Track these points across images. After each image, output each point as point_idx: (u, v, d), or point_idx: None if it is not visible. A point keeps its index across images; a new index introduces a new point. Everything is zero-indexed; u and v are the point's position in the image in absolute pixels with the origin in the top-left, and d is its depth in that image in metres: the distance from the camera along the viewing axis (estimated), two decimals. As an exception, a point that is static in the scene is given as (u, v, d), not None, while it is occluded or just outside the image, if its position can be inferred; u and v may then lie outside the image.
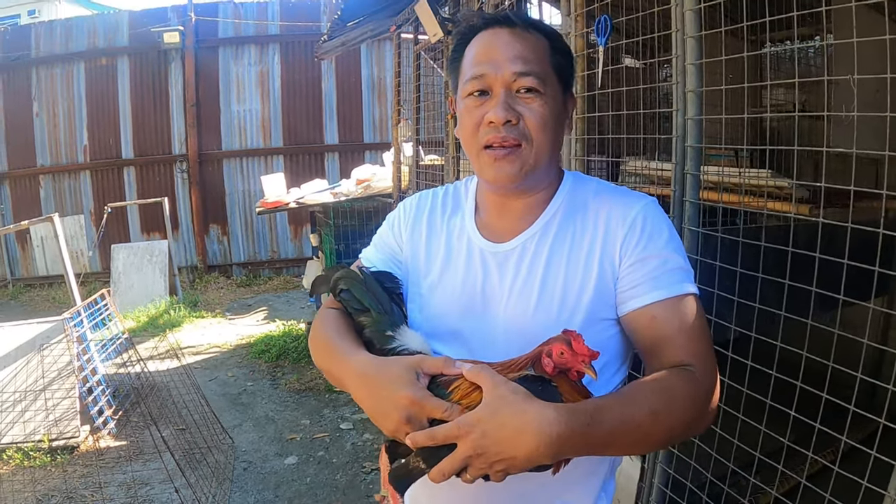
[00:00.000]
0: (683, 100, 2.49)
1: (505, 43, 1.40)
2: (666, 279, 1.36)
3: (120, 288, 10.06)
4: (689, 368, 1.30)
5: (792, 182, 2.65)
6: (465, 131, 1.45)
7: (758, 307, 2.29)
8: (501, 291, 1.45)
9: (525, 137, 1.38)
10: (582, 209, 1.47)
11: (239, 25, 12.40)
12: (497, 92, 1.39)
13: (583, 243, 1.42)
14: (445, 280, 1.53)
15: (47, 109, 12.28)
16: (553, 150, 1.44)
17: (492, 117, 1.37)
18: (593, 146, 3.19)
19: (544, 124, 1.38)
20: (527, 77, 1.37)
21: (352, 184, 7.27)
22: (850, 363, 2.03)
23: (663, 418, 1.20)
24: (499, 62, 1.38)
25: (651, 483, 2.71)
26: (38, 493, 4.60)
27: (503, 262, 1.47)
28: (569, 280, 1.40)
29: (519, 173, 1.40)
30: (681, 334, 1.34)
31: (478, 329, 1.46)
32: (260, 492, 4.58)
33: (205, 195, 12.56)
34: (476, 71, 1.40)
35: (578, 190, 1.50)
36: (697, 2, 2.40)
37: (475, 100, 1.41)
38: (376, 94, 12.98)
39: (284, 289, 11.83)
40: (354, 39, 6.96)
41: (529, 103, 1.38)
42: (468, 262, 1.51)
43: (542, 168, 1.43)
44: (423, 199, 1.70)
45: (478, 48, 1.43)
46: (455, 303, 1.50)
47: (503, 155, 1.39)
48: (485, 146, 1.40)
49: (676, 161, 2.54)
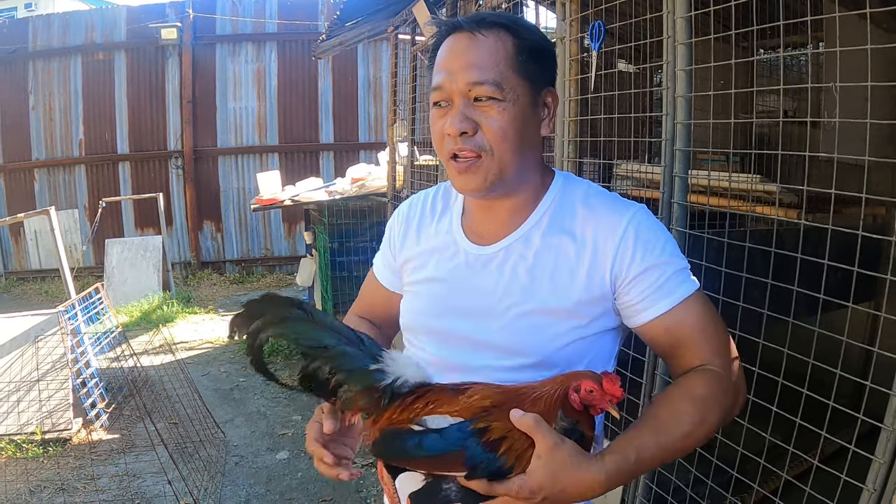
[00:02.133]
0: (673, 104, 2.53)
1: (461, 50, 1.36)
2: (669, 287, 1.37)
3: (113, 283, 10.07)
4: (712, 368, 1.35)
5: (779, 186, 2.70)
6: (434, 141, 1.44)
7: (741, 306, 2.34)
8: (484, 294, 1.44)
9: (483, 148, 1.35)
10: (570, 215, 1.44)
11: (237, 23, 12.41)
12: (455, 103, 1.36)
13: (570, 252, 1.40)
14: (433, 280, 1.53)
15: (43, 103, 12.26)
16: (520, 154, 1.39)
17: (448, 129, 1.36)
18: (585, 149, 3.23)
19: (504, 132, 1.35)
20: (481, 86, 1.33)
21: (347, 182, 7.30)
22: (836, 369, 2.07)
23: (698, 433, 1.29)
24: (454, 71, 1.35)
25: (637, 479, 2.76)
26: (30, 484, 4.62)
27: (486, 265, 1.46)
28: (554, 287, 1.39)
29: (484, 184, 1.38)
30: (696, 335, 1.37)
31: (462, 332, 1.46)
32: (251, 486, 4.61)
33: (199, 191, 12.56)
34: (436, 81, 1.39)
35: (567, 194, 1.48)
36: (688, 9, 2.45)
37: (439, 110, 1.40)
38: (372, 94, 13.00)
39: (277, 286, 11.85)
40: (352, 39, 7.00)
41: (487, 112, 1.34)
42: (455, 263, 1.50)
43: (511, 174, 1.39)
44: (413, 205, 1.69)
45: (440, 56, 1.41)
46: (441, 304, 1.50)
47: (465, 167, 1.37)
48: (450, 157, 1.38)
49: (665, 164, 2.59)
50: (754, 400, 2.24)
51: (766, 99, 4.85)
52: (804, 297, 2.18)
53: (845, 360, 2.05)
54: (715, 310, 1.42)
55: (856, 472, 1.93)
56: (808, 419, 2.14)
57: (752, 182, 2.90)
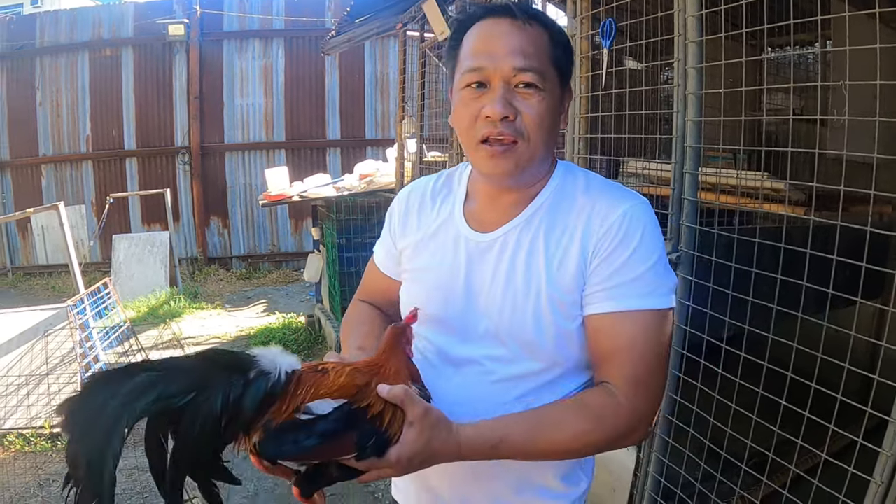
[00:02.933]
0: (684, 102, 2.55)
1: (505, 35, 1.35)
2: (622, 291, 1.34)
3: (120, 278, 10.11)
4: (615, 392, 1.32)
5: (787, 183, 2.71)
6: (461, 122, 1.41)
7: (751, 301, 2.35)
8: (482, 282, 1.44)
9: (521, 134, 1.35)
10: (568, 203, 1.43)
11: (244, 19, 12.44)
12: (495, 85, 1.34)
13: (562, 238, 1.40)
14: (432, 267, 1.53)
15: (51, 99, 12.34)
16: (548, 145, 1.41)
17: (489, 112, 1.33)
18: (595, 145, 3.25)
19: (542, 121, 1.35)
20: (526, 73, 1.33)
21: (355, 178, 7.30)
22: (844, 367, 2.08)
23: (571, 446, 1.31)
24: (498, 55, 1.34)
25: (646, 472, 2.78)
26: (39, 477, 4.65)
27: (485, 252, 1.46)
28: (545, 274, 1.39)
29: (515, 169, 1.37)
30: (620, 354, 1.34)
31: (460, 318, 1.46)
32: (260, 480, 4.63)
33: (206, 187, 12.62)
34: (474, 63, 1.36)
35: (568, 183, 1.47)
36: (699, 8, 2.47)
37: (472, 92, 1.37)
38: (379, 91, 13.04)
39: (284, 282, 11.87)
40: (360, 36, 7.01)
41: (528, 99, 1.34)
42: (454, 250, 1.50)
43: (536, 164, 1.41)
44: (415, 190, 1.68)
45: (476, 38, 1.38)
46: (439, 290, 1.50)
47: (500, 152, 1.35)
48: (481, 140, 1.36)
49: (676, 160, 2.61)
50: (763, 394, 2.26)
51: (773, 97, 4.85)
52: (811, 295, 2.20)
53: (852, 359, 2.07)
54: (661, 341, 1.35)
55: (863, 467, 1.95)
56: (815, 416, 2.16)
57: (760, 179, 2.91)
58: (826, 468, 2.15)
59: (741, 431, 2.39)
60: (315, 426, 1.13)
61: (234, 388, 1.10)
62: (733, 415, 2.42)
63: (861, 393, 2.08)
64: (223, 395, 1.09)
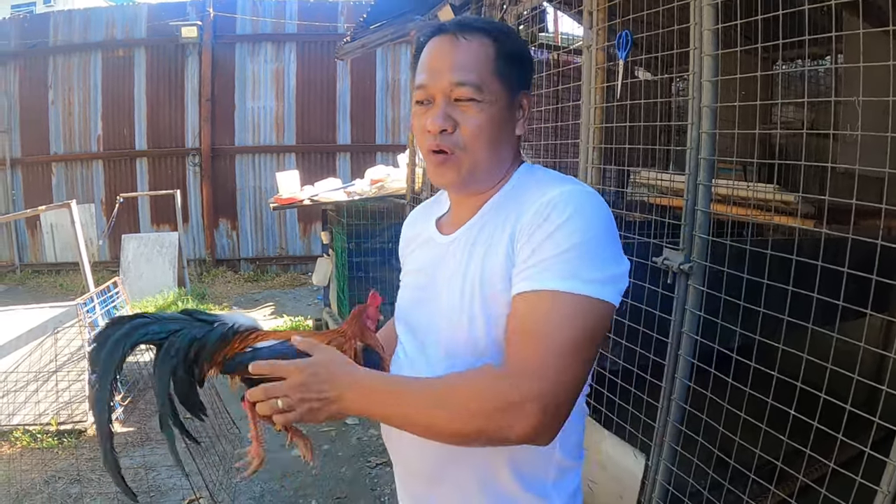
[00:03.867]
0: (699, 114, 2.57)
1: (445, 52, 1.43)
2: (535, 270, 1.29)
3: (129, 277, 10.14)
4: (499, 373, 1.27)
5: (798, 196, 2.74)
6: (416, 135, 1.51)
7: (762, 312, 2.37)
8: (443, 281, 1.49)
9: (459, 146, 1.42)
10: (517, 198, 1.44)
11: (257, 23, 12.50)
12: (437, 101, 1.43)
13: (497, 232, 1.41)
14: (410, 273, 1.65)
15: (63, 98, 12.40)
16: (494, 152, 1.45)
17: (429, 126, 1.42)
18: (609, 156, 3.27)
19: (480, 132, 1.41)
20: (462, 87, 1.40)
21: (366, 183, 7.32)
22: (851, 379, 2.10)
23: (433, 415, 1.28)
24: (438, 71, 1.42)
25: (654, 480, 2.80)
26: (45, 474, 4.68)
27: (445, 254, 1.52)
28: (484, 267, 1.39)
29: (457, 178, 1.45)
30: (520, 334, 1.28)
31: (426, 319, 1.53)
32: (266, 482, 4.66)
33: (216, 189, 12.67)
34: (420, 80, 1.46)
35: (522, 182, 1.49)
36: (715, 22, 2.50)
37: (420, 107, 1.46)
38: (390, 97, 13.08)
39: (292, 285, 11.90)
40: (374, 42, 7.04)
41: (466, 111, 1.41)
42: (428, 255, 1.59)
43: (482, 171, 1.46)
44: (416, 211, 1.79)
45: (423, 57, 1.47)
46: (413, 296, 1.60)
47: (441, 161, 1.44)
48: (429, 151, 1.45)
49: (690, 172, 2.63)
50: (772, 404, 2.28)
51: (784, 110, 4.88)
52: (821, 307, 2.22)
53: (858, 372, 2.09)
54: (581, 334, 1.25)
55: (870, 477, 1.97)
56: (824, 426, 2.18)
57: (771, 192, 2.94)
58: (834, 477, 2.17)
59: (750, 441, 2.41)
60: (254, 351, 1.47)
61: (199, 331, 1.48)
62: (742, 424, 2.44)
63: (867, 406, 2.10)
64: (192, 334, 1.46)
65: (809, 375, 2.26)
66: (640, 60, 3.64)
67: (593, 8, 3.15)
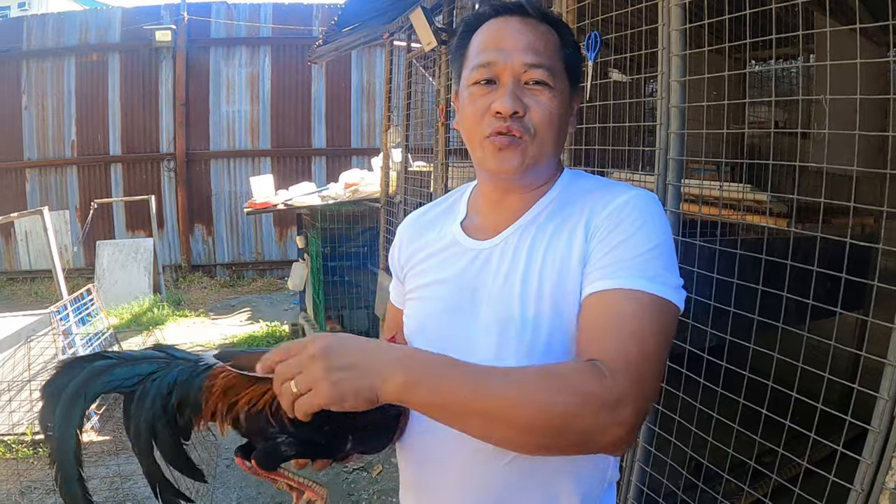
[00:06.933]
0: (667, 114, 2.57)
1: (516, 31, 1.33)
2: (616, 268, 1.22)
3: (104, 284, 10.06)
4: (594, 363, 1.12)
5: (769, 195, 2.74)
6: (467, 120, 1.37)
7: (732, 311, 2.38)
8: (485, 289, 1.36)
9: (529, 131, 1.31)
10: (572, 202, 1.37)
11: (231, 26, 12.47)
12: (505, 81, 1.31)
13: (563, 233, 1.33)
14: (437, 284, 1.46)
15: (36, 103, 12.28)
16: (557, 145, 1.37)
17: (499, 107, 1.29)
18: (579, 157, 3.27)
19: (551, 119, 1.32)
20: (537, 69, 1.30)
21: (340, 187, 7.32)
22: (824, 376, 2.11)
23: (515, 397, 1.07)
24: (509, 51, 1.31)
25: (629, 481, 2.79)
26: (21, 485, 4.62)
27: (488, 260, 1.39)
28: (545, 272, 1.30)
29: (521, 165, 1.32)
30: (608, 330, 1.18)
31: (461, 331, 1.38)
32: (242, 489, 4.63)
33: (191, 194, 12.60)
34: (484, 58, 1.33)
35: (574, 185, 1.42)
36: (683, 22, 2.50)
37: (481, 88, 1.34)
38: (365, 100, 13.08)
39: (268, 290, 11.87)
40: (348, 45, 7.03)
41: (538, 96, 1.31)
42: (456, 264, 1.44)
43: (543, 163, 1.36)
44: (417, 218, 1.64)
45: (486, 35, 1.36)
46: (440, 307, 1.44)
47: (507, 144, 1.31)
48: (488, 135, 1.32)
49: (659, 172, 2.63)
50: (745, 404, 2.28)
51: (756, 110, 4.90)
52: (792, 307, 2.22)
53: (832, 371, 2.09)
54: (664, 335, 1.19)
55: (844, 476, 1.97)
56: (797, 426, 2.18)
57: (743, 191, 2.94)
58: (807, 477, 2.17)
59: (724, 441, 2.41)
60: None
61: (180, 372, 1.19)
62: (715, 424, 2.44)
63: (840, 406, 2.11)
64: (171, 377, 1.18)
65: (785, 374, 2.26)
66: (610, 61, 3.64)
67: (563, 9, 3.15)
